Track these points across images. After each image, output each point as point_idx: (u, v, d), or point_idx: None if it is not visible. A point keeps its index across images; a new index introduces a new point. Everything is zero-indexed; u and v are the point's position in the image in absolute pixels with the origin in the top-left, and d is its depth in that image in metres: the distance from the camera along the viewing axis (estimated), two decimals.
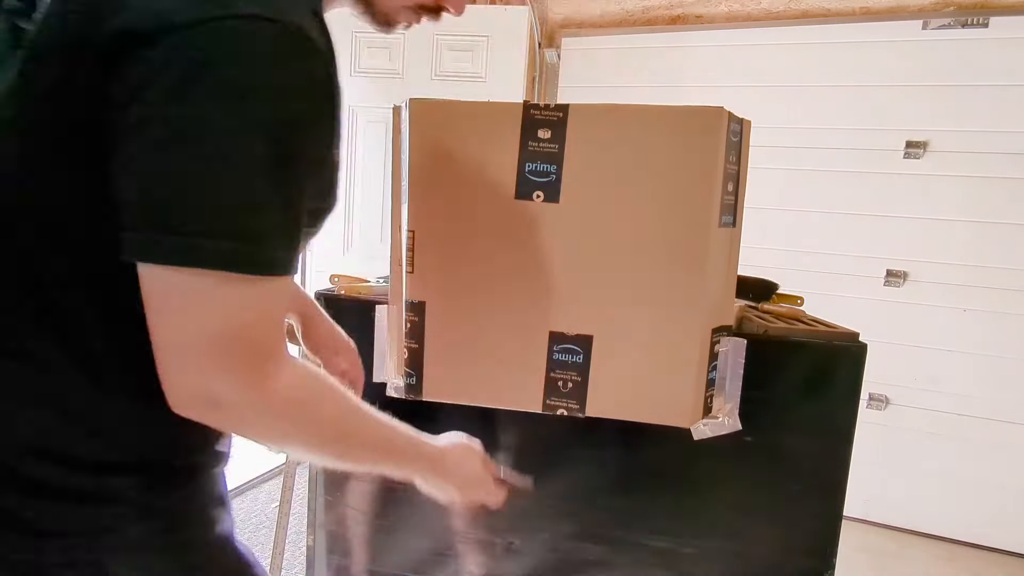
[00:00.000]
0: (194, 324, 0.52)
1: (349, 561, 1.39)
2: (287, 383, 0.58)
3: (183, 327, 0.52)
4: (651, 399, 1.03)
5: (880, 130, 2.75)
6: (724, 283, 1.06)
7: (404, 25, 0.73)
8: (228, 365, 0.53)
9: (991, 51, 2.58)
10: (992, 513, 2.71)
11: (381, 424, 0.72)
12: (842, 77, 2.79)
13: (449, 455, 0.84)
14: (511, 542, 1.28)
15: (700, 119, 0.97)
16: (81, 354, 0.58)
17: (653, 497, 1.21)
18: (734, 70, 2.95)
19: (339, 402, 0.65)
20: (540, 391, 1.07)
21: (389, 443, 0.73)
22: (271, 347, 0.56)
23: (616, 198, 1.00)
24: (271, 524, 2.53)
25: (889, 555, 2.66)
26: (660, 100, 1.03)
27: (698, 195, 0.97)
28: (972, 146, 2.64)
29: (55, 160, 0.55)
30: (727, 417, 1.08)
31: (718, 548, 1.20)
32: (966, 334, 2.71)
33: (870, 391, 2.85)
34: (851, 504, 1.15)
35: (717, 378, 1.08)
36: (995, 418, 2.70)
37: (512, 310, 1.06)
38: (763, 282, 1.37)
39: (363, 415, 0.69)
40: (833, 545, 1.14)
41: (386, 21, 0.71)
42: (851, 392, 1.12)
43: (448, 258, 1.08)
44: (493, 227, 1.06)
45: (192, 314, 0.51)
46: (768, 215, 2.86)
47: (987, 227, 2.65)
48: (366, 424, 0.69)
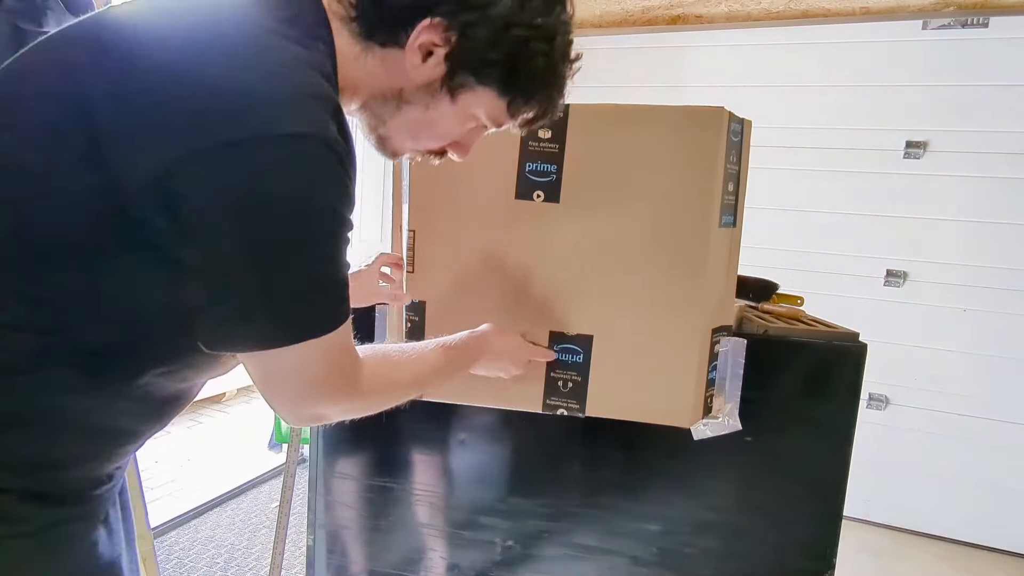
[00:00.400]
0: (302, 379, 0.65)
1: (348, 561, 1.39)
2: (367, 378, 0.72)
3: (294, 384, 0.66)
4: (651, 399, 1.03)
5: (880, 130, 2.75)
6: (724, 283, 1.06)
7: (408, 157, 0.81)
8: (328, 393, 0.68)
9: (991, 51, 2.58)
10: (992, 513, 2.71)
11: (436, 354, 0.87)
12: (842, 77, 2.79)
13: (491, 339, 0.97)
14: (509, 543, 1.28)
15: (700, 119, 0.97)
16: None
17: (653, 496, 1.21)
18: (734, 70, 2.95)
19: (404, 364, 0.82)
20: (540, 391, 1.07)
21: (448, 364, 0.89)
22: (351, 365, 0.70)
23: (616, 198, 1.00)
24: (271, 524, 2.53)
25: (889, 555, 2.67)
26: (660, 100, 1.03)
27: (698, 195, 0.97)
28: (972, 146, 2.64)
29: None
30: (727, 417, 1.08)
31: (718, 548, 1.20)
32: (966, 334, 2.71)
33: (870, 391, 2.85)
34: (851, 504, 1.15)
35: (717, 378, 1.08)
36: (995, 418, 2.70)
37: (512, 310, 1.06)
38: (763, 282, 1.37)
39: (422, 359, 0.85)
40: (833, 545, 1.14)
41: (394, 154, 0.79)
42: (851, 392, 1.12)
43: (448, 258, 1.08)
44: (493, 227, 1.06)
45: (300, 373, 0.65)
46: (768, 215, 2.86)
47: (987, 227, 2.65)
48: (426, 364, 0.86)
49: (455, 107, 0.72)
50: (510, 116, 0.74)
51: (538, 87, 0.72)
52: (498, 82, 0.70)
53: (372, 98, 0.73)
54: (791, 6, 2.87)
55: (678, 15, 3.04)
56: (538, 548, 1.27)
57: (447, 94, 0.71)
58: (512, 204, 1.04)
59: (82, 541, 0.69)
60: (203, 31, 0.60)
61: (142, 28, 0.62)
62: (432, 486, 1.32)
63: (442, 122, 0.74)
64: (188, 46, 0.58)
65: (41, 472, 0.65)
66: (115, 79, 0.58)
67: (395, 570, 1.36)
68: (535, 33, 0.68)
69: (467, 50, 0.68)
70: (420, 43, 0.67)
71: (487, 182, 1.04)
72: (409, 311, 1.11)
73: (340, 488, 1.38)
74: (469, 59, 0.69)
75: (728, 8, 2.96)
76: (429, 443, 1.31)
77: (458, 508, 1.31)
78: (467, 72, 0.69)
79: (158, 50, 0.59)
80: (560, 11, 0.71)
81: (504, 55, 0.68)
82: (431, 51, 0.68)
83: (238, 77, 0.57)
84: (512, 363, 1.01)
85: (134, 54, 0.59)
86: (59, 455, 0.66)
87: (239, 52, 0.58)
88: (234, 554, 2.33)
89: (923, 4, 2.66)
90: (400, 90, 0.71)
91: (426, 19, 0.66)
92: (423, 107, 0.72)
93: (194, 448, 3.25)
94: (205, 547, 2.38)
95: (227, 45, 0.59)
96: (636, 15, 3.10)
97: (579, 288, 1.03)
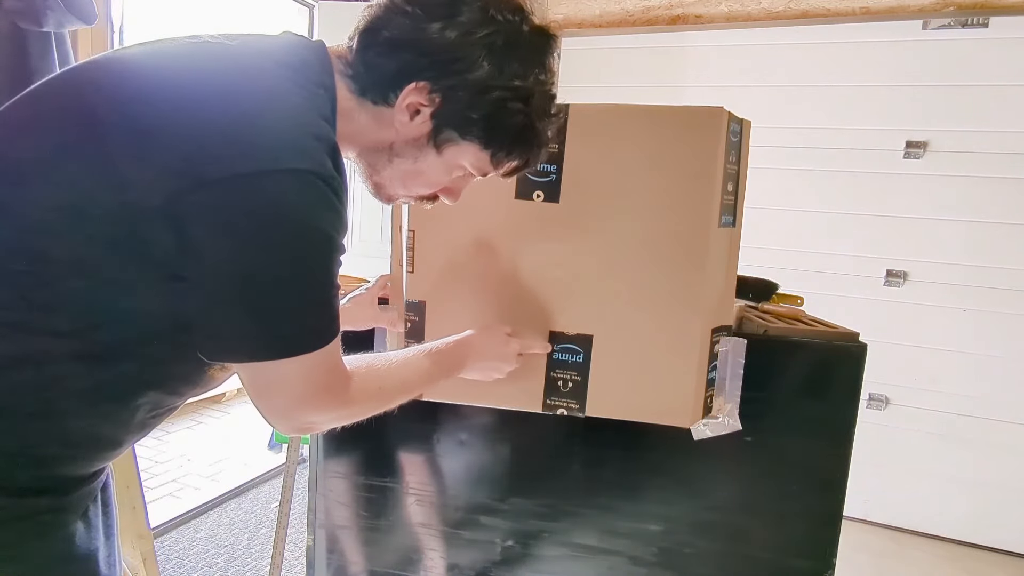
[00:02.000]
0: (293, 390, 0.69)
1: (348, 561, 1.39)
2: (354, 389, 0.76)
3: (286, 395, 0.69)
4: (651, 399, 1.03)
5: (880, 130, 2.75)
6: (724, 283, 1.06)
7: (403, 201, 0.87)
8: (317, 404, 0.72)
9: (991, 51, 2.58)
10: (992, 513, 2.71)
11: (420, 360, 0.91)
12: (842, 77, 2.79)
13: (474, 340, 0.99)
14: (509, 543, 1.28)
15: (700, 119, 0.97)
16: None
17: (653, 496, 1.21)
18: (734, 70, 2.95)
19: (389, 372, 0.85)
20: (540, 391, 1.07)
21: (434, 368, 0.92)
22: (339, 378, 0.74)
23: (616, 198, 1.00)
24: (271, 524, 2.53)
25: (889, 555, 2.67)
26: (660, 100, 1.03)
27: (698, 195, 0.97)
28: (972, 146, 2.64)
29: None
30: (727, 417, 1.08)
31: (718, 548, 1.20)
32: (966, 334, 2.71)
33: (870, 391, 2.85)
34: (851, 504, 1.15)
35: (717, 378, 1.08)
36: (995, 418, 2.70)
37: (512, 310, 1.06)
38: (763, 282, 1.37)
39: (407, 365, 0.88)
40: (833, 545, 1.14)
41: (388, 200, 0.86)
42: (851, 392, 1.12)
43: (448, 258, 1.08)
44: (493, 227, 1.06)
45: (291, 385, 0.69)
46: (768, 215, 2.86)
47: (987, 227, 2.65)
48: (412, 370, 0.89)
49: (442, 159, 0.78)
50: (494, 166, 0.80)
51: (517, 142, 0.78)
52: (480, 138, 0.76)
53: (366, 149, 0.80)
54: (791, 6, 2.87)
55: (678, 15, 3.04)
56: (538, 548, 1.27)
57: (433, 148, 0.77)
58: (512, 204, 1.04)
59: (58, 531, 0.71)
60: (219, 74, 0.66)
61: (160, 66, 0.68)
62: (432, 486, 1.32)
63: (430, 172, 0.80)
64: (205, 86, 0.65)
65: (20, 467, 0.67)
66: (136, 112, 0.63)
67: (395, 570, 1.36)
68: (512, 94, 0.75)
69: (450, 110, 0.75)
70: (408, 104, 0.74)
71: (487, 182, 1.04)
72: (409, 311, 1.11)
73: (340, 488, 1.38)
74: (452, 117, 0.75)
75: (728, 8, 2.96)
76: (429, 443, 1.31)
77: (458, 508, 1.31)
78: (451, 129, 0.76)
79: (177, 88, 0.65)
80: (538, 72, 0.77)
81: (484, 114, 0.75)
82: (418, 110, 0.75)
83: (250, 119, 0.63)
84: (500, 359, 1.01)
85: (153, 89, 0.65)
86: (40, 454, 0.68)
87: (251, 96, 0.65)
88: (234, 554, 2.33)
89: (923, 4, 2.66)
90: (391, 144, 0.78)
91: (412, 83, 0.73)
92: (412, 159, 0.79)
93: (194, 448, 3.25)
94: (205, 547, 2.38)
95: (241, 88, 0.65)
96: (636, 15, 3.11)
97: (579, 288, 1.03)
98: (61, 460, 0.70)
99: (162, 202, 0.61)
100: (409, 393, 0.88)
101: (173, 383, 0.75)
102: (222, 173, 0.61)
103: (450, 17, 0.72)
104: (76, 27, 1.51)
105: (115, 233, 0.63)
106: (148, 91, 0.65)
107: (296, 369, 0.68)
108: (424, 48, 0.72)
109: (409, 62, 0.73)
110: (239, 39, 0.71)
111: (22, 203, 0.64)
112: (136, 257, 0.64)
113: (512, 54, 0.74)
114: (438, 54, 0.72)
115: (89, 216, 0.62)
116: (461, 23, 0.72)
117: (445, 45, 0.72)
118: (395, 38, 0.73)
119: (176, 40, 0.72)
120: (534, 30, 0.76)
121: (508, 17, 0.74)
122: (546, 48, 0.78)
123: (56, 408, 0.67)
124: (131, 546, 1.77)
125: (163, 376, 0.73)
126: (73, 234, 0.63)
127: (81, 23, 1.49)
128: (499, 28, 0.73)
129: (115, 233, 0.63)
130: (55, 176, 0.63)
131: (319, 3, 3.06)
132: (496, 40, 0.73)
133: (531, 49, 0.76)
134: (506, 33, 0.74)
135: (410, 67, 0.73)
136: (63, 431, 0.69)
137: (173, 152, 0.61)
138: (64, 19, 1.45)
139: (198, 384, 0.78)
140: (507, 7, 0.75)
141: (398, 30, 0.73)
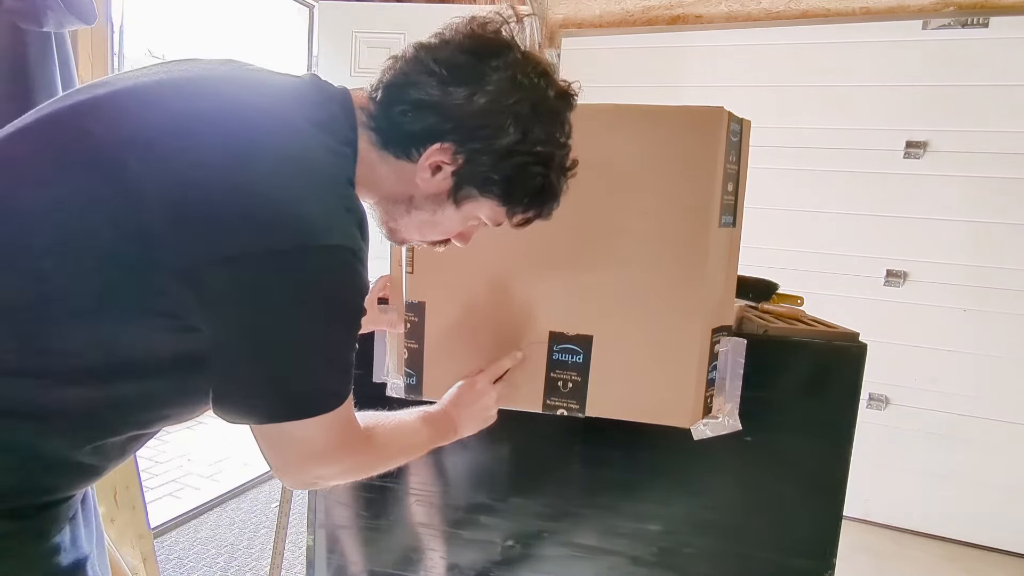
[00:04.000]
0: (310, 447, 0.72)
1: (348, 561, 1.39)
2: (362, 449, 0.79)
3: (300, 451, 0.72)
4: (651, 399, 1.03)
5: (880, 130, 2.75)
6: (724, 283, 1.06)
7: (414, 244, 0.91)
8: (327, 462, 0.74)
9: (991, 51, 2.58)
10: (992, 513, 2.71)
11: (416, 428, 0.93)
12: (842, 77, 2.79)
13: (458, 410, 1.01)
14: (509, 543, 1.28)
15: (700, 119, 0.97)
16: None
17: (653, 497, 1.21)
18: (734, 70, 2.95)
19: (392, 440, 0.88)
20: (540, 391, 1.07)
21: (428, 440, 0.94)
22: (354, 436, 0.77)
23: (616, 198, 1.00)
24: (271, 524, 2.53)
25: (889, 555, 2.66)
26: (660, 100, 1.03)
27: (698, 195, 0.97)
28: (972, 146, 2.64)
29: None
30: (727, 417, 1.08)
31: (718, 548, 1.20)
32: (966, 334, 2.71)
33: (870, 391, 2.85)
34: (851, 504, 1.15)
35: (717, 378, 1.08)
36: (995, 418, 2.69)
37: (512, 310, 1.06)
38: (763, 282, 1.37)
39: (406, 432, 0.91)
40: (833, 545, 1.14)
41: (401, 243, 0.88)
42: (851, 392, 1.12)
43: (448, 258, 1.08)
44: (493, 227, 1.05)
45: (305, 444, 0.71)
46: (768, 215, 2.86)
47: (987, 227, 2.65)
48: (409, 436, 0.91)
49: (459, 212, 0.80)
50: (509, 218, 0.82)
51: (535, 199, 0.80)
52: (499, 196, 0.78)
53: (384, 199, 0.82)
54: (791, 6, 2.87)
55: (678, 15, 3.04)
56: (538, 548, 1.27)
57: (453, 203, 0.79)
58: None
59: (39, 547, 0.69)
60: (258, 135, 0.66)
61: (196, 118, 0.67)
62: (432, 486, 1.32)
63: (446, 223, 0.82)
64: (240, 152, 0.64)
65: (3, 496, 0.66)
66: (169, 173, 0.62)
67: (395, 570, 1.36)
68: (535, 159, 0.76)
69: (472, 171, 0.76)
70: (431, 162, 0.75)
71: None
72: (409, 312, 1.11)
73: (340, 488, 1.38)
74: (474, 177, 0.77)
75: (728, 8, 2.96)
76: None
77: (458, 508, 1.31)
78: (471, 187, 0.78)
79: (216, 150, 0.64)
80: (559, 135, 0.78)
81: (505, 176, 0.76)
82: (440, 167, 0.76)
83: (288, 192, 0.64)
84: (481, 408, 1.03)
85: (191, 151, 0.64)
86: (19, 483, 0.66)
87: (287, 166, 0.65)
88: (234, 554, 2.33)
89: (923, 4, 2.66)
90: (410, 197, 0.80)
91: (437, 144, 0.74)
92: (431, 212, 0.80)
93: (194, 448, 3.25)
94: (205, 547, 2.37)
95: (276, 157, 0.65)
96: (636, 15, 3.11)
97: (579, 288, 1.03)
98: (45, 490, 0.69)
99: (190, 264, 0.62)
100: (409, 454, 0.92)
101: (166, 420, 0.75)
102: (259, 247, 0.62)
103: (478, 82, 0.73)
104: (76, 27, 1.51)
105: (132, 283, 0.63)
106: (185, 152, 0.64)
107: (310, 430, 0.70)
108: (452, 113, 0.73)
109: (435, 124, 0.74)
110: (269, 88, 0.73)
111: (27, 243, 0.62)
112: (148, 306, 0.64)
113: (537, 120, 0.75)
114: (466, 120, 0.73)
115: (104, 263, 0.62)
116: (490, 91, 0.73)
117: (474, 112, 0.73)
118: (422, 99, 0.74)
119: (205, 80, 0.71)
120: (559, 94, 0.77)
121: (535, 82, 0.75)
122: (567, 109, 0.79)
123: (45, 447, 0.66)
124: (131, 546, 1.77)
125: (158, 414, 0.73)
126: (81, 279, 0.62)
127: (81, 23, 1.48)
128: (526, 95, 0.74)
129: (127, 281, 0.63)
130: (73, 223, 0.62)
131: (319, 3, 3.06)
132: (523, 108, 0.74)
133: (554, 113, 0.77)
134: (532, 100, 0.74)
135: (436, 129, 0.74)
136: (47, 467, 0.67)
137: (209, 221, 0.62)
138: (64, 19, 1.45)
139: (190, 416, 0.78)
140: (534, 72, 0.75)
141: (425, 91, 0.73)
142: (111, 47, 2.06)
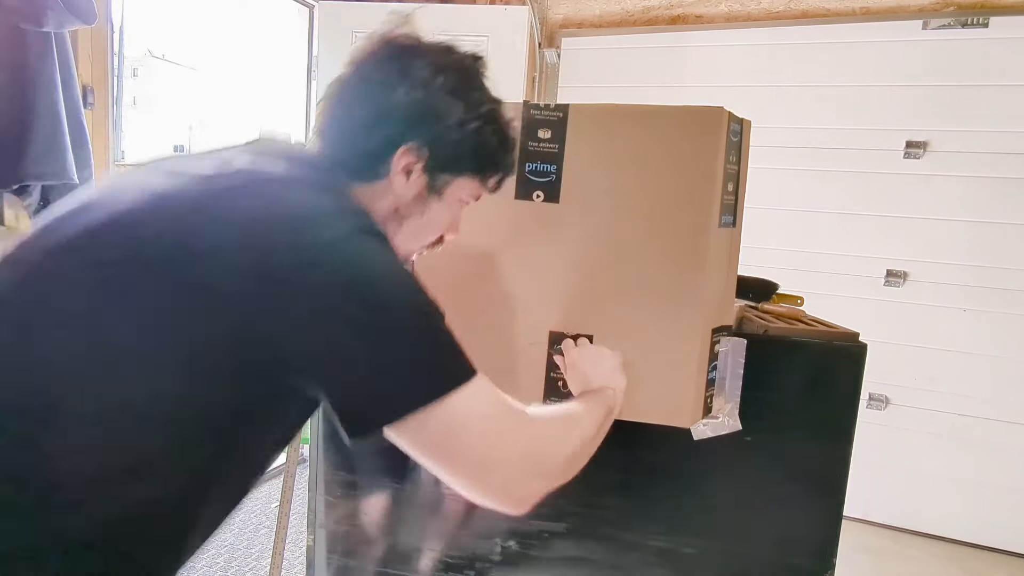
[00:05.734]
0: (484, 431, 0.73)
1: (349, 561, 1.39)
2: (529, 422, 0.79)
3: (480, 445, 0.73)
4: (651, 399, 1.03)
5: (880, 130, 2.75)
6: (724, 283, 1.06)
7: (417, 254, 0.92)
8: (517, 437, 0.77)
9: (991, 51, 2.58)
10: (992, 513, 2.71)
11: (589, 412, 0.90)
12: (842, 77, 2.79)
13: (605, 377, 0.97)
14: (510, 542, 1.28)
15: (700, 119, 0.97)
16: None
17: (653, 497, 1.21)
18: (734, 70, 2.95)
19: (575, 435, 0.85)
20: (540, 391, 1.07)
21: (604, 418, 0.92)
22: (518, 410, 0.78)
23: (616, 198, 1.00)
24: (271, 524, 2.53)
25: (889, 555, 2.67)
26: (660, 100, 1.03)
27: (698, 195, 0.97)
28: (972, 146, 2.64)
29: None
30: (727, 417, 1.08)
31: (718, 548, 1.20)
32: (966, 334, 2.71)
33: (870, 391, 2.85)
34: (851, 504, 1.15)
35: (717, 378, 1.08)
36: (995, 418, 2.69)
37: (512, 310, 1.06)
38: (763, 282, 1.37)
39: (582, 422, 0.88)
40: (833, 545, 1.14)
41: (405, 259, 0.90)
42: (851, 392, 1.12)
43: (447, 259, 1.08)
44: (492, 227, 1.06)
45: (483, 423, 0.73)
46: (768, 215, 2.86)
47: (987, 227, 2.65)
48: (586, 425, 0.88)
49: (444, 201, 0.85)
50: (485, 186, 0.87)
51: (500, 156, 0.85)
52: (471, 168, 0.84)
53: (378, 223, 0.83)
54: (791, 6, 2.87)
55: (678, 15, 3.05)
56: (538, 548, 1.27)
57: (435, 195, 0.84)
58: (511, 204, 1.04)
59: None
60: (293, 212, 0.67)
61: (245, 214, 0.67)
62: (432, 486, 1.32)
63: (437, 217, 0.86)
64: (296, 230, 0.65)
65: None
66: (243, 263, 0.63)
67: (395, 570, 1.36)
68: (484, 120, 0.81)
69: (439, 157, 0.81)
70: (401, 167, 0.80)
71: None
72: None
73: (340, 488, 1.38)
74: (443, 162, 0.81)
75: (728, 8, 2.96)
76: None
77: (457, 507, 1.31)
78: (444, 172, 0.82)
79: (269, 232, 0.65)
80: (490, 91, 0.84)
81: (469, 148, 0.81)
82: (410, 169, 0.80)
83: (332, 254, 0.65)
84: (609, 358, 1.00)
85: (250, 236, 0.65)
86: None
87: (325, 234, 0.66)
88: (234, 554, 2.33)
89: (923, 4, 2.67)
90: (396, 208, 0.83)
91: (399, 148, 0.79)
92: (420, 214, 0.84)
93: None
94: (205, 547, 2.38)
95: (318, 226, 0.66)
96: (636, 15, 3.11)
97: (579, 288, 1.03)
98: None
99: (285, 333, 0.63)
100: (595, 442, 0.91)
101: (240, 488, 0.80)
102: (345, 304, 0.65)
103: (407, 80, 0.78)
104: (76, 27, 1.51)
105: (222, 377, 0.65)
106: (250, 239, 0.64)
107: (474, 402, 0.70)
108: (399, 116, 0.78)
109: (390, 132, 0.78)
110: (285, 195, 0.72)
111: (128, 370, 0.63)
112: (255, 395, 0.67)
113: (469, 87, 0.81)
114: (414, 116, 0.78)
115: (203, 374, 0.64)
116: (420, 82, 0.78)
117: (416, 105, 0.78)
118: (368, 116, 0.79)
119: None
120: (471, 58, 0.83)
121: (450, 57, 0.81)
122: (484, 67, 0.84)
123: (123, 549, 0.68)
124: None
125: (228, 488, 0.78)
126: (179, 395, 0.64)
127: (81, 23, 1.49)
128: (448, 70, 0.79)
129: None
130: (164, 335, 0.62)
131: (319, 3, 3.06)
132: (451, 81, 0.79)
133: (476, 74, 0.83)
134: (456, 71, 0.80)
135: (393, 136, 0.78)
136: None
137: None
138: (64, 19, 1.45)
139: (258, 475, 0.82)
140: (441, 48, 0.82)
141: (366, 109, 0.79)
142: (111, 47, 2.06)
